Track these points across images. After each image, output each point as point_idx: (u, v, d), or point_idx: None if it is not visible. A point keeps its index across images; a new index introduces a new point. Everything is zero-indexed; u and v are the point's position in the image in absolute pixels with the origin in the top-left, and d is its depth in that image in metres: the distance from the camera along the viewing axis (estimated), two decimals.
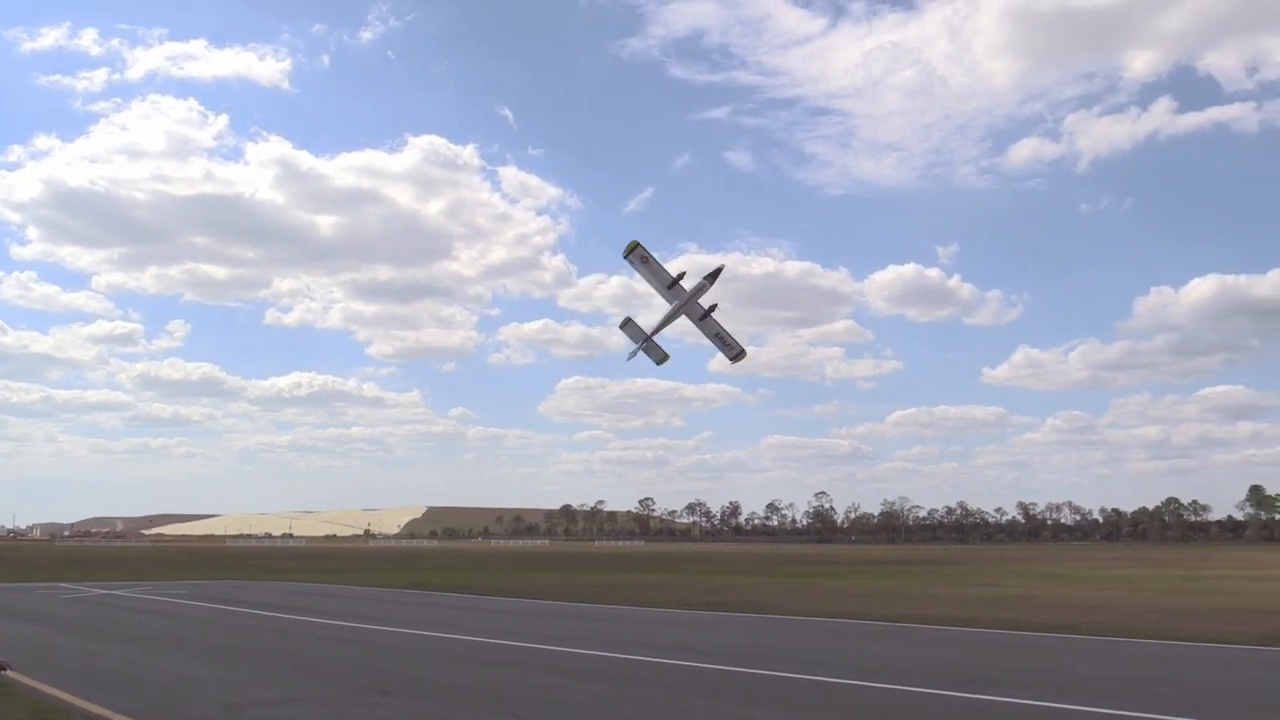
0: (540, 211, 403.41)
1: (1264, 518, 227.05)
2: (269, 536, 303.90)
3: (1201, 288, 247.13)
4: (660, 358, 36.95)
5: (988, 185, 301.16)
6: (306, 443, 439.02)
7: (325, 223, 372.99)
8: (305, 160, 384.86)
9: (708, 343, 35.10)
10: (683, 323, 34.94)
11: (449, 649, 20.56)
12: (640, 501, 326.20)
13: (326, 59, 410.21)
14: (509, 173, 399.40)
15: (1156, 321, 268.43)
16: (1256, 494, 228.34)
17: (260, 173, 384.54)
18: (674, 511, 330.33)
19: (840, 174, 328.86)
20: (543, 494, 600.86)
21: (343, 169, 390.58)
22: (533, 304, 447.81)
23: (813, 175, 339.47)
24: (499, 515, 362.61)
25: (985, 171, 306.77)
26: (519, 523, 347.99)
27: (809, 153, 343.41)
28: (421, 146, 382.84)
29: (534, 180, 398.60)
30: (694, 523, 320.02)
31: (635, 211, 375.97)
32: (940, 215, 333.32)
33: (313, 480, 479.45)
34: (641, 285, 34.05)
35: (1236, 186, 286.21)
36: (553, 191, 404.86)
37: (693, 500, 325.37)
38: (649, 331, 38.54)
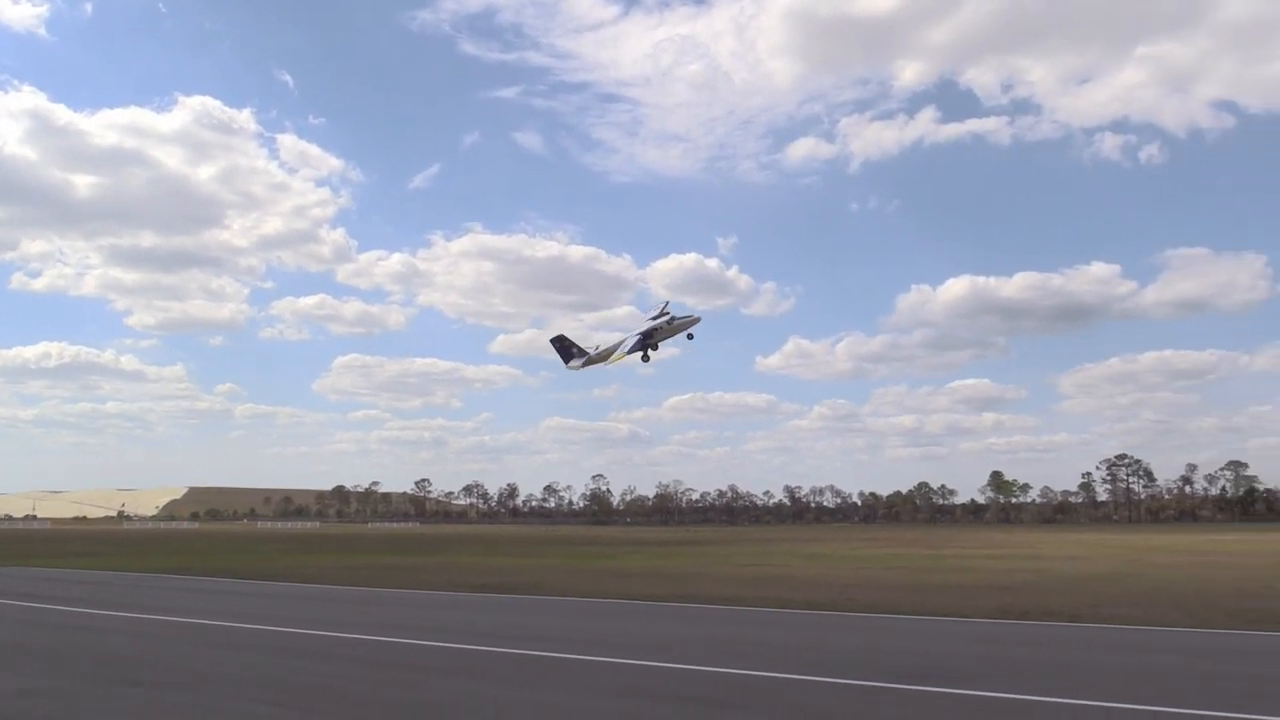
0: (320, 183, 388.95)
1: (1002, 501, 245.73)
2: (9, 519, 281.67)
3: (956, 288, 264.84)
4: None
5: (767, 180, 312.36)
6: (55, 418, 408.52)
7: (82, 183, 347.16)
8: (62, 114, 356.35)
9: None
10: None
11: (205, 635, 19.59)
12: (417, 483, 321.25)
13: (89, 6, 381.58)
14: (288, 141, 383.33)
15: (915, 317, 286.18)
16: (996, 479, 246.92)
17: (10, 125, 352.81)
18: (451, 493, 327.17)
19: (627, 161, 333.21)
20: (315, 475, 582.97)
21: (104, 126, 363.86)
22: (309, 278, 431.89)
23: (600, 161, 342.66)
24: (267, 496, 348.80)
25: (765, 167, 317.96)
26: (288, 504, 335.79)
27: (597, 138, 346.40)
28: (193, 107, 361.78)
29: (314, 150, 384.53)
30: (471, 504, 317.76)
31: (421, 188, 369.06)
32: (722, 207, 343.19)
33: (61, 458, 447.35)
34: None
35: (990, 195, 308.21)
36: (334, 163, 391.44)
37: (470, 482, 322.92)
38: (592, 353, 44.68)
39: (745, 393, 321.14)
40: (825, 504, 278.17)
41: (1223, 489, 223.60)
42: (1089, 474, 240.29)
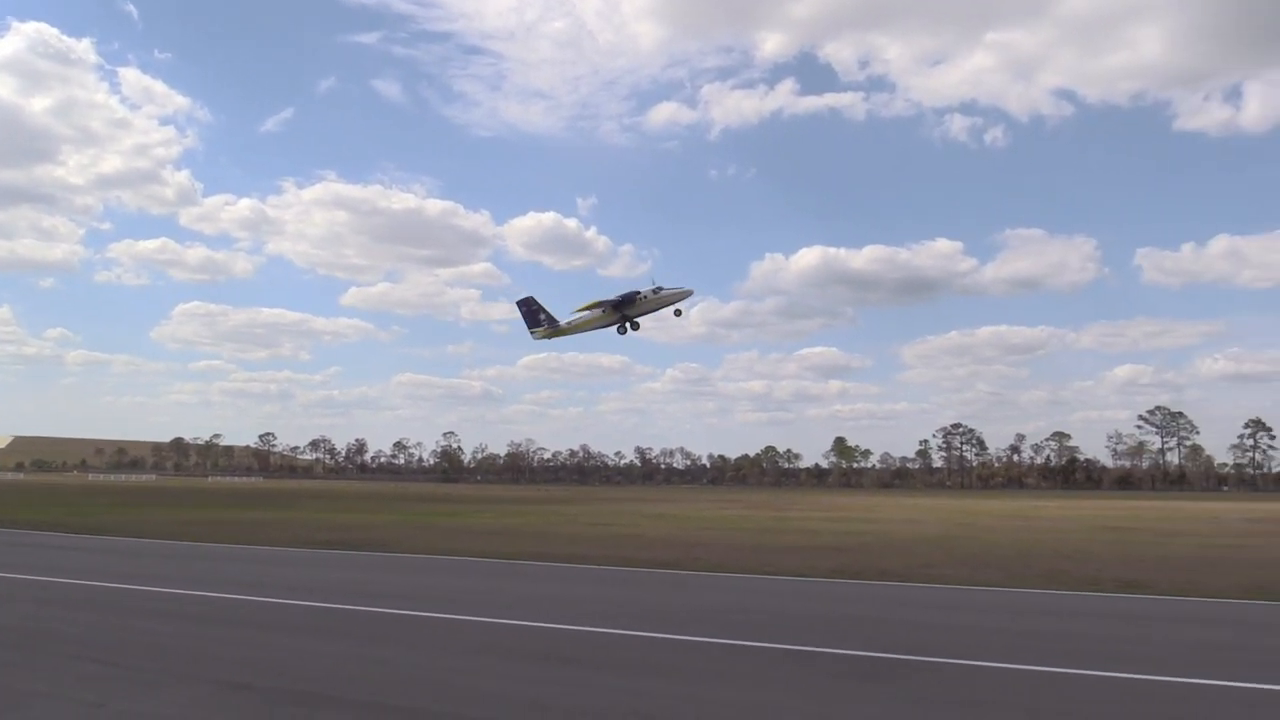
0: (165, 121, 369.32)
1: (845, 466, 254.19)
2: None
3: (808, 257, 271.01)
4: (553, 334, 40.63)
5: (629, 143, 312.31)
6: None
7: None
8: None
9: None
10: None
11: (31, 592, 18.84)
12: (261, 436, 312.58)
13: None
14: (131, 75, 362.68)
15: (768, 285, 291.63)
16: (840, 444, 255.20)
17: None
18: (297, 448, 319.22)
19: (489, 115, 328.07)
20: (152, 426, 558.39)
21: None
22: (150, 221, 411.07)
23: (461, 114, 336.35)
24: (99, 448, 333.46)
25: (627, 129, 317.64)
26: (122, 455, 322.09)
27: (459, 90, 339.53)
28: (27, 34, 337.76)
29: (159, 86, 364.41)
30: (317, 460, 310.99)
31: (272, 132, 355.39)
32: (583, 167, 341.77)
33: None
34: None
35: (844, 168, 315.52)
36: (180, 101, 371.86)
37: (317, 436, 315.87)
38: (563, 323, 40.23)
39: (600, 354, 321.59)
40: (675, 466, 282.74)
41: (1047, 458, 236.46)
42: (926, 441, 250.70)
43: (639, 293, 39.89)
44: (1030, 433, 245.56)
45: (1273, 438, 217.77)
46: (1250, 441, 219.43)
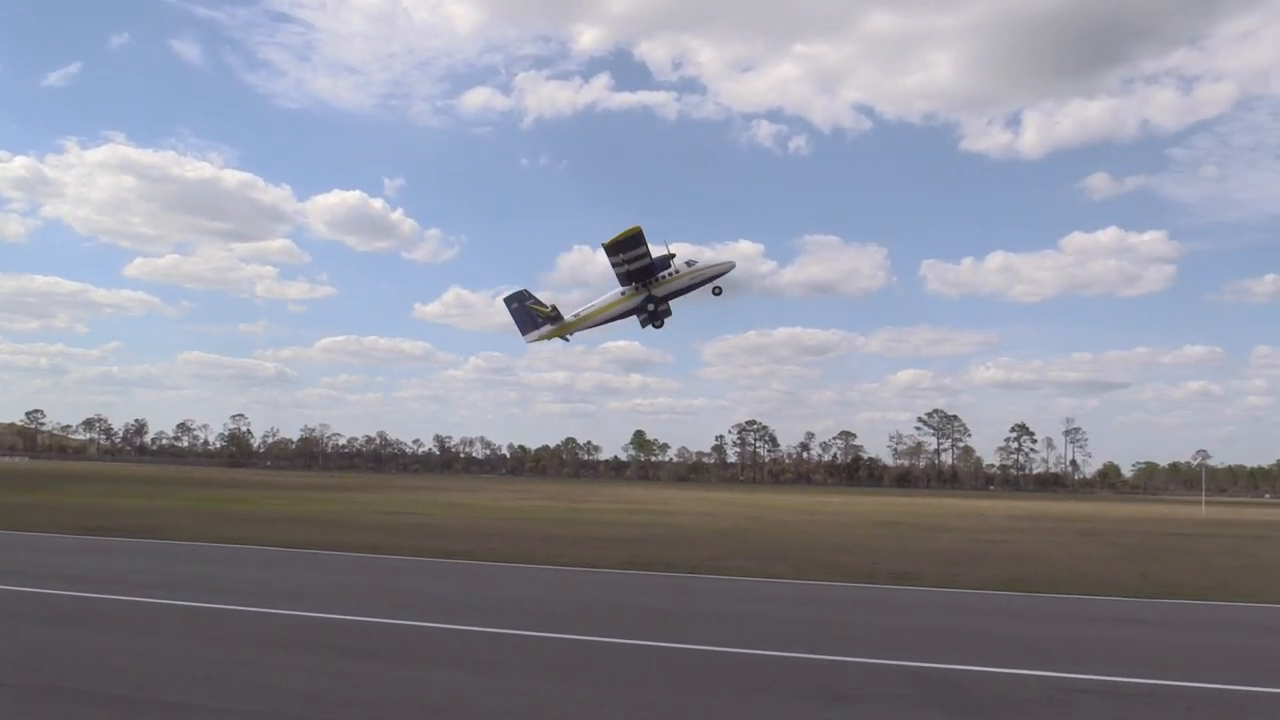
0: None
1: (643, 459, 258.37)
2: None
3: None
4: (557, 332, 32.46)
5: (441, 125, 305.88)
6: None
7: None
8: None
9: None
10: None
11: None
12: (28, 414, 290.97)
13: None
14: None
15: (575, 277, 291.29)
16: (639, 438, 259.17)
17: None
18: (69, 426, 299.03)
19: (295, 87, 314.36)
20: None
21: None
22: None
23: (266, 83, 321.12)
24: None
25: (440, 112, 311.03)
26: None
27: (264, 58, 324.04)
28: None
29: None
30: (91, 440, 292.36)
31: (56, 86, 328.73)
32: (392, 147, 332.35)
33: None
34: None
35: (654, 166, 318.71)
36: None
37: (92, 415, 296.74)
38: (571, 317, 32.46)
39: (402, 339, 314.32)
40: (475, 455, 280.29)
41: (834, 455, 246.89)
42: (722, 437, 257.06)
43: (669, 265, 31.84)
44: (819, 431, 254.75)
45: (1034, 441, 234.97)
46: (1015, 444, 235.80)
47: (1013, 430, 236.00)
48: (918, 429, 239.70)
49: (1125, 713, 10.49)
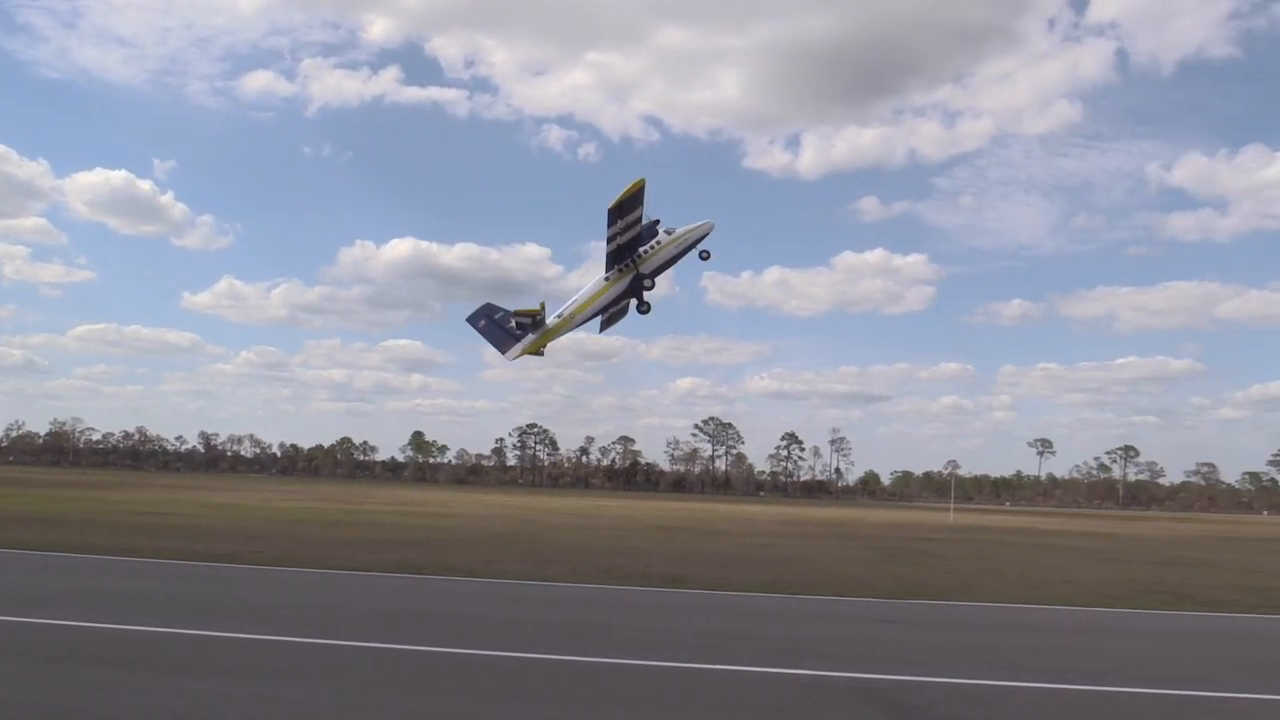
0: None
1: (421, 460, 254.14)
2: None
3: (400, 248, 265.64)
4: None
5: (219, 107, 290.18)
6: None
7: None
8: None
9: None
10: None
11: None
12: None
13: None
14: None
15: (357, 272, 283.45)
16: (418, 439, 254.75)
17: None
18: None
19: (58, 55, 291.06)
20: None
21: None
22: None
23: (25, 49, 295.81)
24: None
25: (219, 93, 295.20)
26: None
27: (24, 22, 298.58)
28: None
29: None
30: None
31: None
32: (164, 127, 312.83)
33: None
34: None
35: (442, 164, 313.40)
36: None
37: None
38: (551, 320, 27.28)
39: (167, 329, 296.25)
40: (243, 454, 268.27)
41: (613, 460, 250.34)
42: (502, 440, 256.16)
43: (655, 233, 28.62)
44: (599, 435, 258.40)
45: (803, 450, 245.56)
46: (785, 452, 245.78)
47: (783, 438, 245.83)
48: (694, 435, 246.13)
49: (874, 708, 11.14)
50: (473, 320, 28.38)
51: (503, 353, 28.39)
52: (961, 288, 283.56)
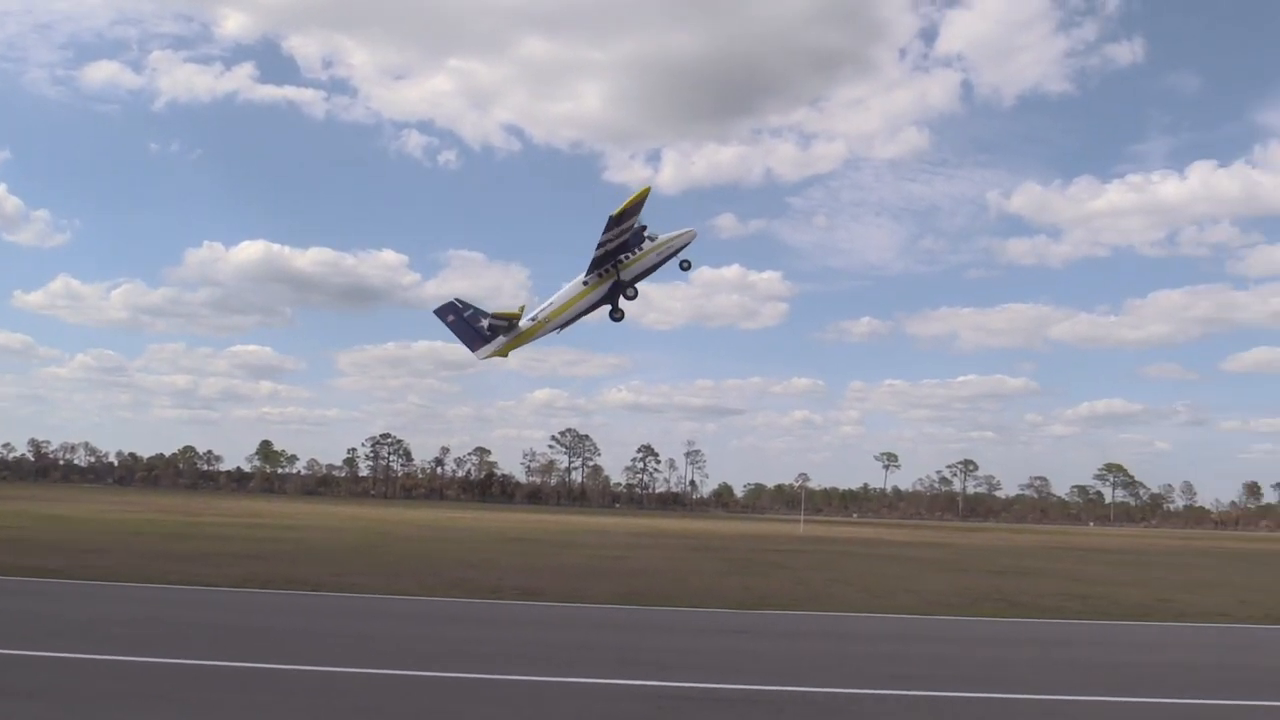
0: None
1: (269, 470, 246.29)
2: None
3: (250, 251, 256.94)
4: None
5: (59, 97, 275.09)
6: None
7: None
8: None
9: None
10: None
11: None
12: None
13: None
14: None
15: (204, 275, 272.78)
16: (265, 448, 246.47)
17: None
18: None
19: None
20: None
21: None
22: None
23: None
24: None
25: (59, 82, 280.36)
26: None
27: None
28: None
29: None
30: None
31: None
32: None
33: None
34: None
35: (297, 166, 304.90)
36: None
37: None
38: (524, 323, 25.02)
39: None
40: (77, 463, 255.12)
41: (469, 472, 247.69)
42: (354, 450, 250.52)
43: (642, 239, 27.54)
44: (455, 446, 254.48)
45: (659, 462, 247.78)
46: (641, 464, 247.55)
47: (639, 451, 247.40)
48: (551, 447, 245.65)
49: (723, 718, 11.30)
50: (440, 314, 27.53)
51: (472, 350, 27.58)
52: (814, 305, 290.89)
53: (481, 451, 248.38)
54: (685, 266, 28.91)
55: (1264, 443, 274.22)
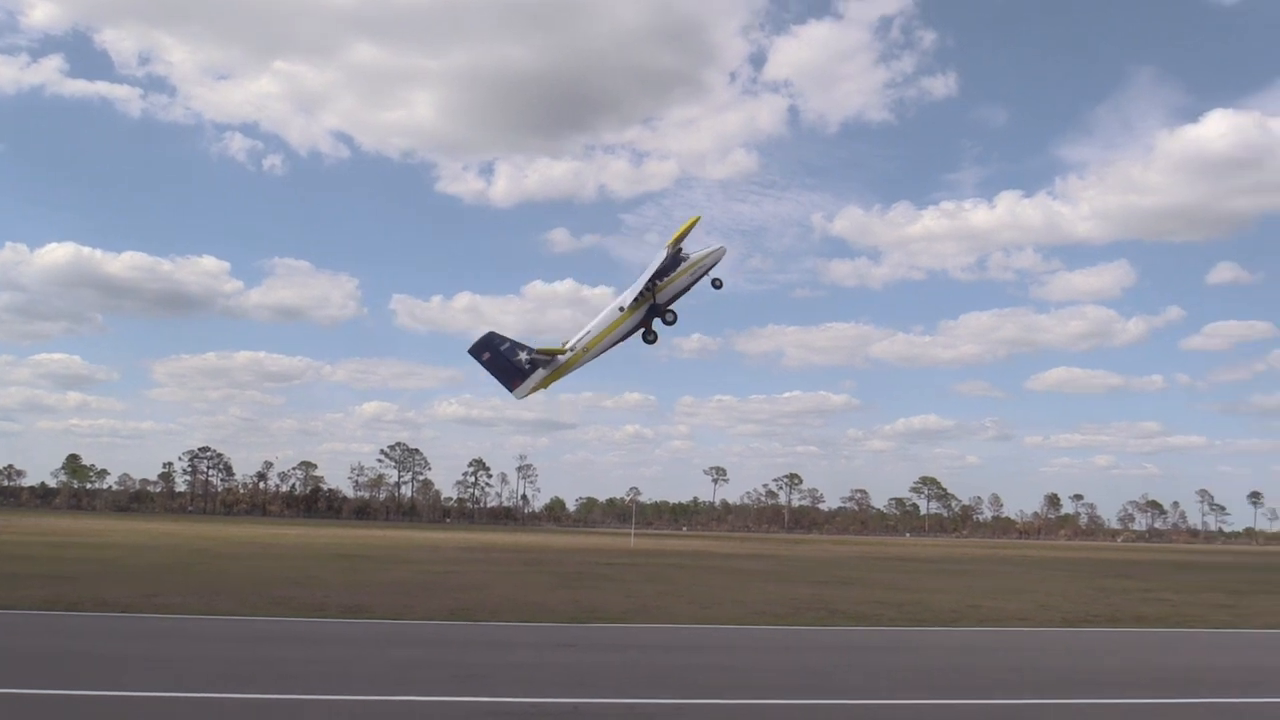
0: None
1: (76, 485, 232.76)
2: None
3: (58, 254, 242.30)
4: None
5: None
6: None
7: None
8: None
9: None
10: None
11: None
12: None
13: None
14: None
15: (5, 279, 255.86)
16: (73, 462, 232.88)
17: None
18: None
19: None
20: None
21: None
22: None
23: None
24: None
25: None
26: None
27: None
28: None
29: None
30: None
31: None
32: None
33: None
34: None
35: (110, 166, 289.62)
36: None
37: None
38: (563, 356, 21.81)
39: None
40: None
41: (294, 486, 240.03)
42: (170, 464, 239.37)
43: (677, 263, 26.43)
44: (279, 460, 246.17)
45: (490, 476, 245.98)
46: (473, 479, 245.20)
47: (471, 465, 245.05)
48: (380, 461, 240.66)
49: None
50: (475, 352, 25.04)
51: (510, 389, 25.59)
52: None
53: (307, 466, 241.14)
54: (717, 285, 28.12)
55: (1062, 457, 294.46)
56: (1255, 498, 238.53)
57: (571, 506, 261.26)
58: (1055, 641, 22.05)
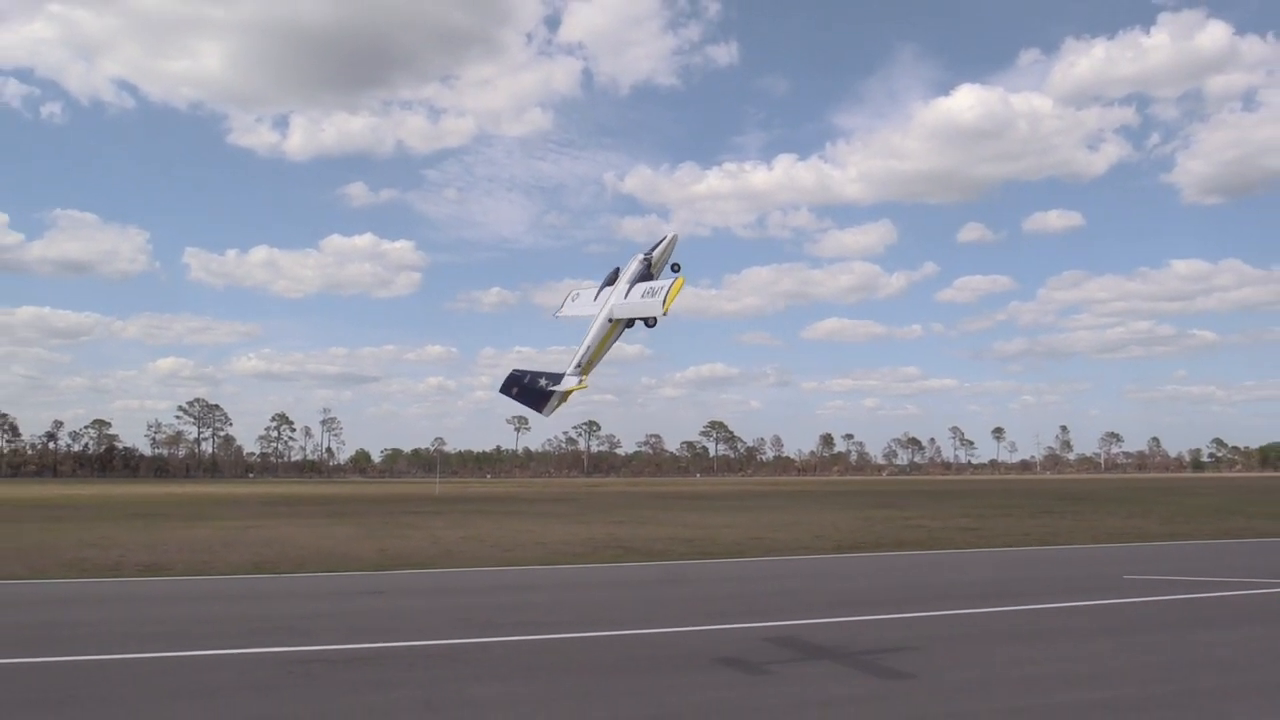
0: None
1: None
2: None
3: None
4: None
5: None
6: None
7: None
8: None
9: None
10: None
11: None
12: None
13: None
14: None
15: None
16: None
17: None
18: None
19: None
20: None
21: None
22: None
23: None
24: None
25: None
26: None
27: None
28: None
29: None
30: None
31: None
32: None
33: None
34: None
35: None
36: None
37: None
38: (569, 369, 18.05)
39: None
40: None
41: (86, 446, 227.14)
42: None
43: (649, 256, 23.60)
44: (69, 420, 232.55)
45: (294, 430, 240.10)
46: (276, 433, 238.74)
47: (273, 419, 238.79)
48: (178, 418, 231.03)
49: (354, 676, 11.73)
50: (505, 390, 23.60)
51: (541, 413, 24.58)
52: (447, 275, 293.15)
53: (100, 424, 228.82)
54: (676, 268, 28.47)
55: (835, 400, 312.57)
56: (998, 433, 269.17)
57: (377, 458, 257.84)
58: (828, 567, 24.03)
